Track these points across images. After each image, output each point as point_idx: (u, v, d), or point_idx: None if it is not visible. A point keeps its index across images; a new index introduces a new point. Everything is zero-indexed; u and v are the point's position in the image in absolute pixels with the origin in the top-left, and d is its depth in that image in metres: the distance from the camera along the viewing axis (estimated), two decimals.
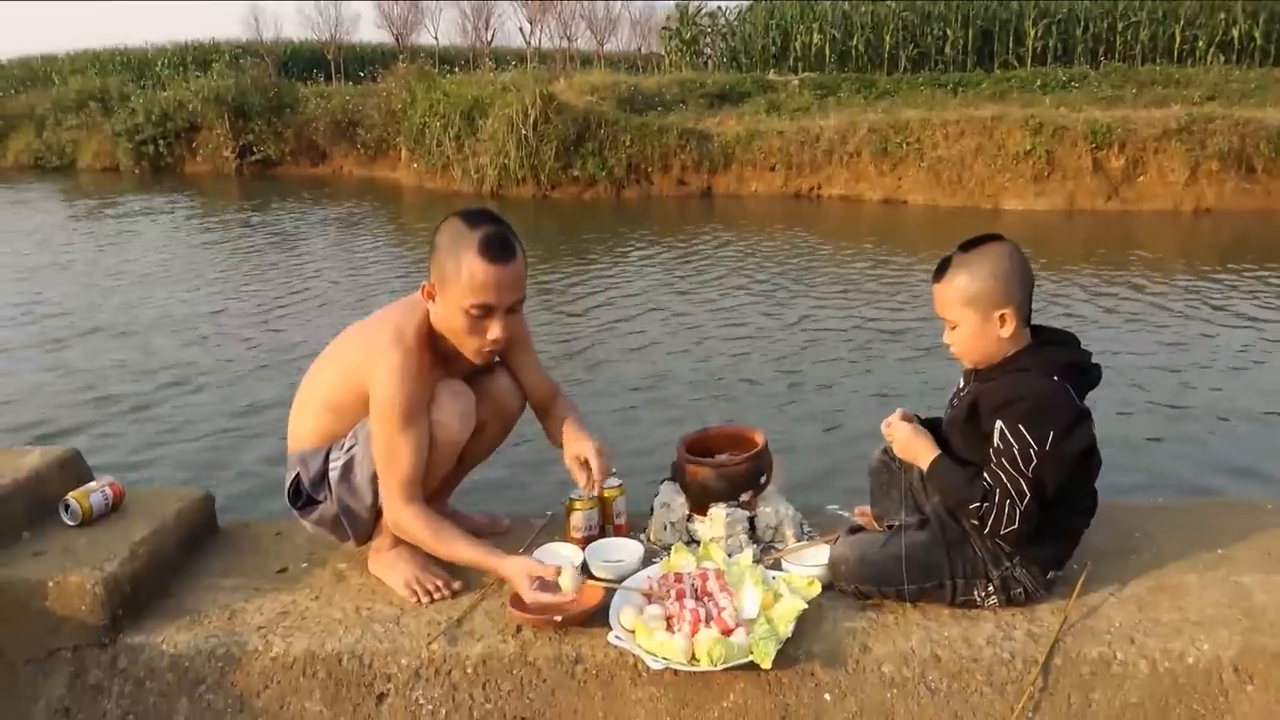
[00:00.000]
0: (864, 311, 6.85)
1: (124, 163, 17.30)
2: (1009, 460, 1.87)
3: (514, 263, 2.05)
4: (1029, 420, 1.86)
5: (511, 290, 2.06)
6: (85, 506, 2.25)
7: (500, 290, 2.03)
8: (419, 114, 14.60)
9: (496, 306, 2.04)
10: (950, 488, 1.97)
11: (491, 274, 2.00)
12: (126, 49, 27.83)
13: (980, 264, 1.94)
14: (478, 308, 2.03)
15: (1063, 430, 1.87)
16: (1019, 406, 1.87)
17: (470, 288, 2.00)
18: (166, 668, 2.00)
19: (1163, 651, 1.89)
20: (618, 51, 30.65)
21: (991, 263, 1.93)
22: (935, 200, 12.04)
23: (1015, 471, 1.86)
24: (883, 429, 2.13)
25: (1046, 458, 1.86)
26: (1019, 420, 1.86)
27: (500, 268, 2.01)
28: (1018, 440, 1.86)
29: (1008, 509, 1.87)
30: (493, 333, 2.07)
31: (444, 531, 2.09)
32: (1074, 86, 16.14)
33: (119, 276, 8.25)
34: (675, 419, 4.68)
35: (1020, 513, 1.87)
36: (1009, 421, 1.87)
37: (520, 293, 2.09)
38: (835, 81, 17.89)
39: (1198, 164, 11.19)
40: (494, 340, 2.08)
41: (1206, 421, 4.68)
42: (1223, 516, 2.40)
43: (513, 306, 2.09)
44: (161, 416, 4.84)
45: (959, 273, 1.95)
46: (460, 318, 2.04)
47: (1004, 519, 1.88)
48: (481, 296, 2.01)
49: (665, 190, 13.39)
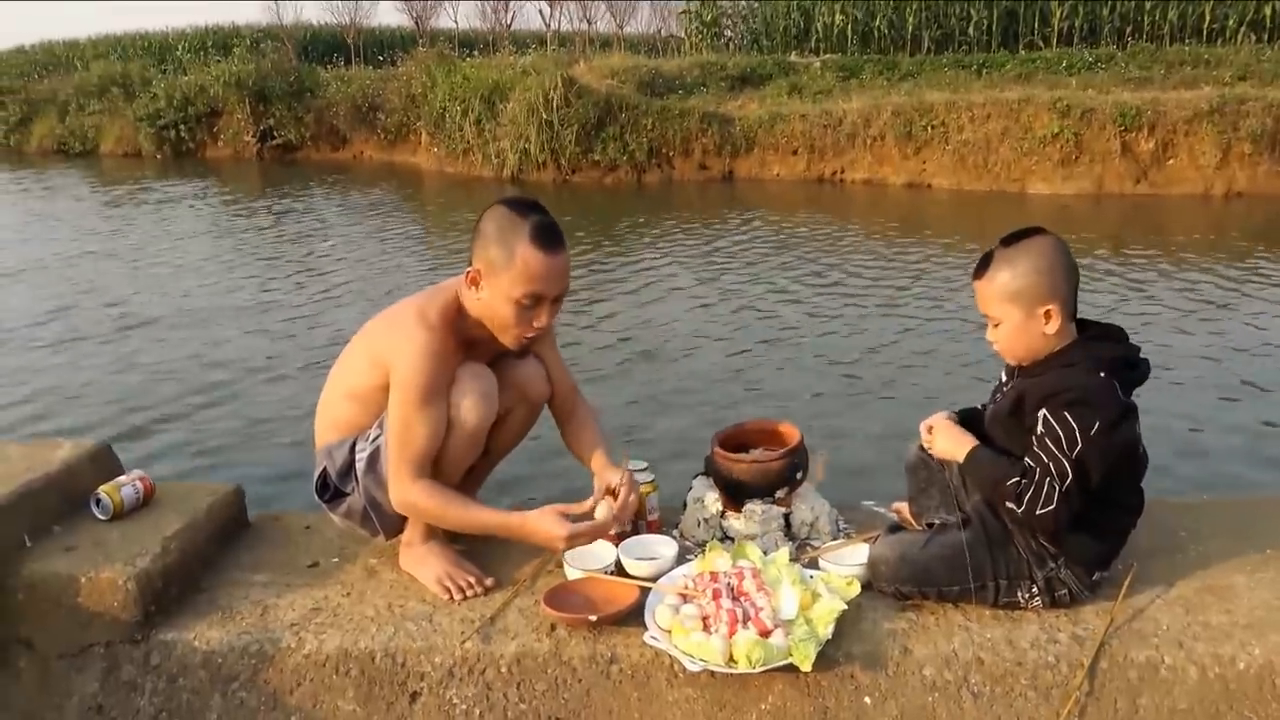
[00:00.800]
0: (896, 300, 6.76)
1: (146, 148, 17.38)
2: (1052, 441, 1.82)
3: (564, 252, 2.04)
4: (1074, 409, 1.81)
5: (562, 279, 2.05)
6: (117, 500, 2.25)
7: (552, 280, 2.02)
8: (439, 98, 14.56)
9: (547, 295, 2.03)
10: (987, 472, 1.93)
11: (545, 263, 1.99)
12: (147, 34, 27.87)
13: (1023, 259, 1.89)
14: (529, 296, 2.01)
15: (1108, 423, 1.82)
16: (1065, 396, 1.83)
17: (524, 276, 1.99)
18: (199, 664, 1.99)
19: (1213, 656, 1.85)
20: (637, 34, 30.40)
21: (1034, 257, 1.88)
22: (961, 184, 11.90)
23: (1058, 452, 1.82)
24: (921, 430, 2.08)
25: (1090, 444, 1.80)
26: (1064, 408, 1.82)
27: (553, 257, 2.00)
28: (1062, 427, 1.81)
29: (1046, 487, 1.82)
30: (539, 321, 2.06)
31: (454, 502, 2.07)
32: (1101, 67, 15.86)
33: (142, 267, 8.27)
34: (704, 410, 4.64)
35: (1060, 493, 1.81)
36: (1054, 410, 1.83)
37: (568, 282, 2.09)
38: (858, 63, 17.69)
39: (1229, 146, 10.98)
40: (538, 329, 2.07)
41: (1248, 413, 4.59)
42: (1268, 514, 2.35)
43: (558, 296, 2.07)
44: (190, 410, 4.81)
45: (1001, 268, 1.90)
46: (508, 306, 2.02)
47: (1041, 497, 1.82)
48: (535, 286, 2.00)
49: (686, 175, 13.30)
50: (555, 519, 2.00)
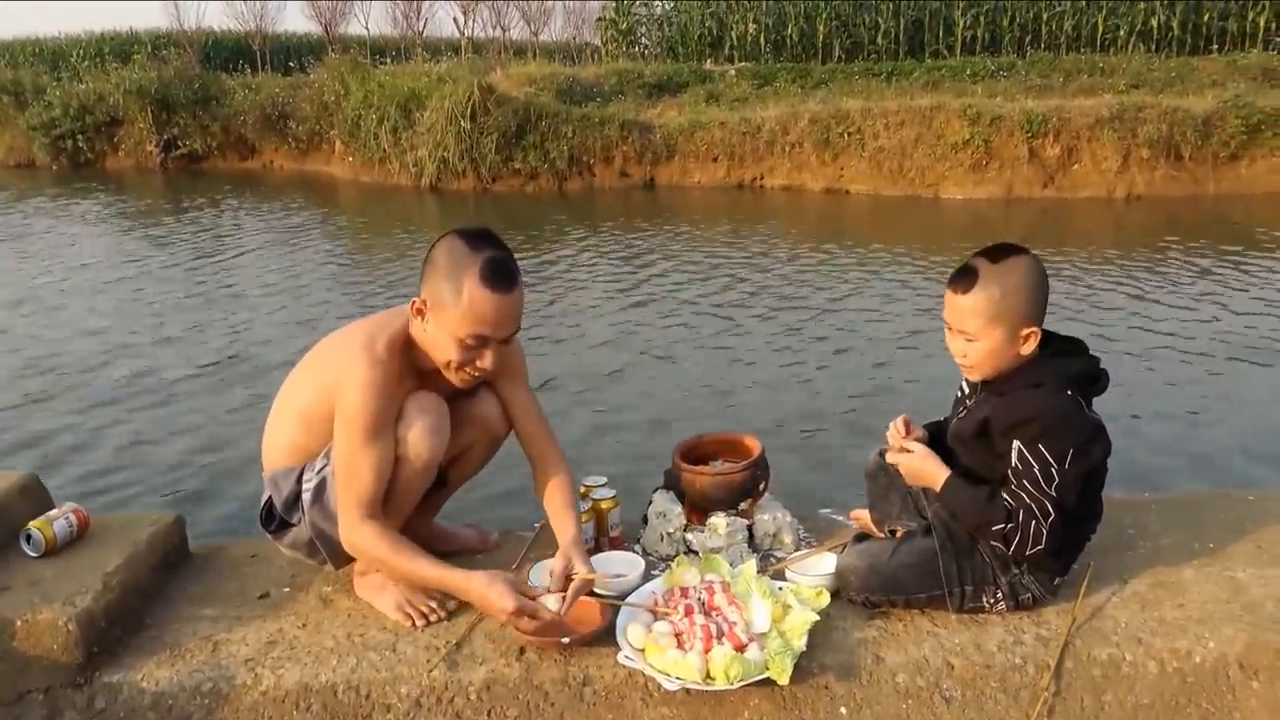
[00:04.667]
0: (830, 305, 6.83)
1: (40, 158, 16.62)
2: (1030, 481, 1.84)
3: (516, 291, 1.95)
4: (1047, 439, 1.82)
5: (511, 322, 1.97)
6: (49, 535, 2.13)
7: (500, 322, 1.94)
8: (353, 106, 14.27)
9: (493, 338, 1.95)
10: (968, 509, 1.92)
11: (493, 304, 1.90)
12: (39, 39, 26.74)
13: (1011, 278, 1.84)
14: (474, 337, 1.93)
15: (1081, 447, 1.84)
16: (1035, 425, 1.83)
17: (470, 316, 1.90)
18: (148, 706, 1.89)
19: (1170, 651, 1.90)
20: (552, 42, 30.38)
21: (1022, 277, 1.85)
22: (878, 189, 12.16)
23: (1038, 492, 1.83)
24: (890, 441, 2.07)
25: (1067, 474, 1.83)
26: (1037, 440, 1.82)
27: (503, 297, 1.91)
28: (1038, 461, 1.82)
29: (1033, 530, 1.84)
30: (484, 363, 1.97)
31: (403, 551, 1.96)
32: (1003, 75, 16.47)
33: (39, 288, 7.84)
34: (655, 422, 4.60)
35: (1046, 532, 1.84)
36: (1027, 442, 1.83)
37: (518, 324, 2.00)
38: (771, 71, 18.03)
39: (1129, 152, 11.47)
40: (482, 369, 1.99)
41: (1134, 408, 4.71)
42: (1210, 509, 2.44)
43: (506, 338, 2.00)
44: (110, 438, 4.56)
45: (989, 286, 1.84)
46: (451, 343, 1.94)
47: (1030, 539, 1.85)
48: (480, 327, 1.92)
49: (608, 182, 13.30)
50: (503, 590, 1.88)
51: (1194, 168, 11.51)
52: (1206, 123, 11.47)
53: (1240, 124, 11.39)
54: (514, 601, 1.87)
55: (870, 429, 2.32)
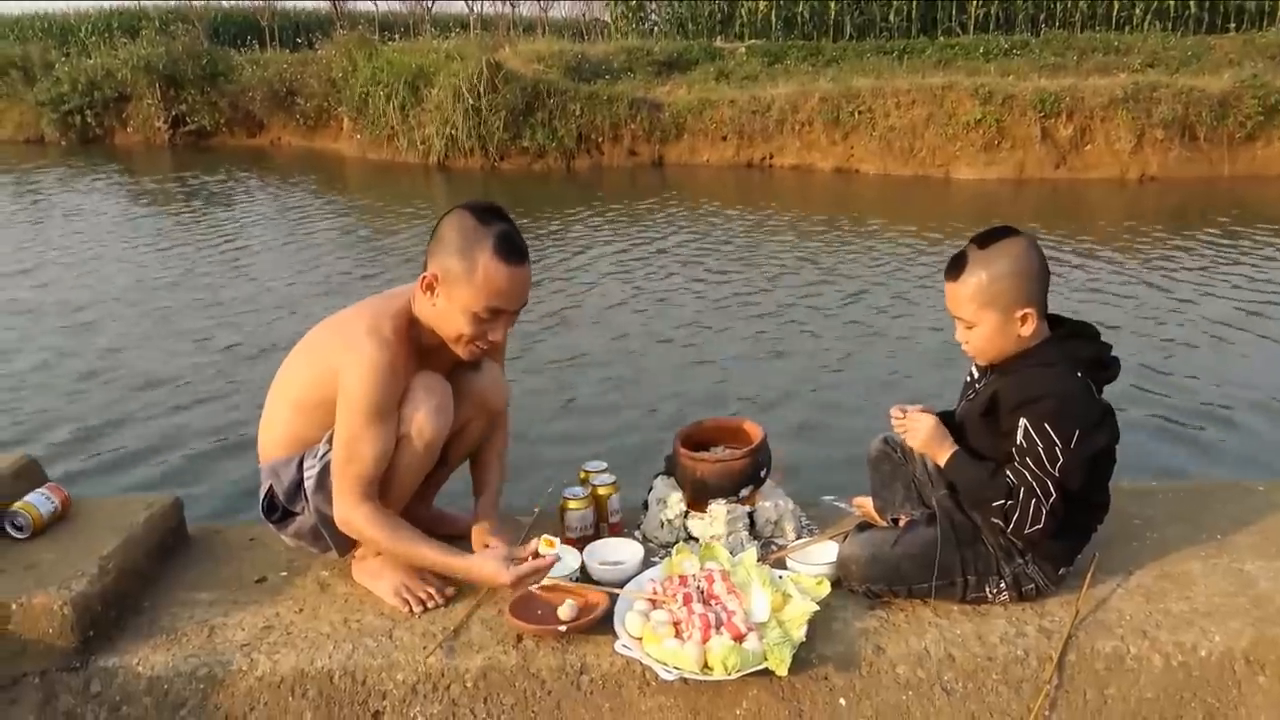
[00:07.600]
0: (839, 289, 6.75)
1: (49, 134, 16.55)
2: (1034, 459, 1.82)
3: (528, 264, 1.97)
4: (1055, 419, 1.80)
5: (524, 294, 1.98)
6: (35, 515, 2.12)
7: (514, 294, 1.95)
8: (361, 83, 14.16)
9: (507, 310, 1.97)
10: (971, 484, 1.92)
11: (508, 276, 1.92)
12: (47, 14, 26.61)
13: (998, 262, 1.85)
14: (489, 310, 1.94)
15: (1088, 429, 1.82)
16: (1044, 405, 1.82)
17: (486, 289, 1.91)
18: (144, 691, 1.89)
19: (1175, 644, 1.88)
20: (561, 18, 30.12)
21: (1010, 260, 1.85)
22: (888, 169, 12.04)
23: (1041, 471, 1.82)
24: (893, 416, 2.04)
25: (1072, 456, 1.81)
26: (1044, 418, 1.81)
27: (517, 269, 1.93)
28: (1043, 439, 1.81)
29: (1033, 508, 1.83)
30: (495, 335, 1.99)
31: (400, 532, 1.97)
32: (1017, 54, 16.25)
33: (46, 263, 7.83)
34: (655, 407, 4.57)
35: (1046, 511, 1.83)
36: (1033, 420, 1.81)
37: (528, 296, 2.02)
38: (782, 49, 17.81)
39: (1143, 132, 11.30)
40: (493, 341, 2.00)
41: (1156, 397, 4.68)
42: (1218, 500, 2.41)
43: (517, 310, 2.01)
44: (112, 422, 4.52)
45: (977, 271, 1.86)
46: (464, 317, 1.95)
47: (1029, 518, 1.83)
48: (496, 300, 1.93)
49: (616, 160, 13.21)
50: (498, 564, 1.92)
51: (1209, 149, 11.34)
52: (1222, 103, 11.29)
53: (1257, 104, 11.21)
54: (509, 574, 1.90)
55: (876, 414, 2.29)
